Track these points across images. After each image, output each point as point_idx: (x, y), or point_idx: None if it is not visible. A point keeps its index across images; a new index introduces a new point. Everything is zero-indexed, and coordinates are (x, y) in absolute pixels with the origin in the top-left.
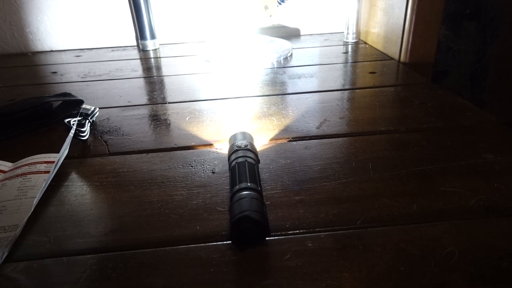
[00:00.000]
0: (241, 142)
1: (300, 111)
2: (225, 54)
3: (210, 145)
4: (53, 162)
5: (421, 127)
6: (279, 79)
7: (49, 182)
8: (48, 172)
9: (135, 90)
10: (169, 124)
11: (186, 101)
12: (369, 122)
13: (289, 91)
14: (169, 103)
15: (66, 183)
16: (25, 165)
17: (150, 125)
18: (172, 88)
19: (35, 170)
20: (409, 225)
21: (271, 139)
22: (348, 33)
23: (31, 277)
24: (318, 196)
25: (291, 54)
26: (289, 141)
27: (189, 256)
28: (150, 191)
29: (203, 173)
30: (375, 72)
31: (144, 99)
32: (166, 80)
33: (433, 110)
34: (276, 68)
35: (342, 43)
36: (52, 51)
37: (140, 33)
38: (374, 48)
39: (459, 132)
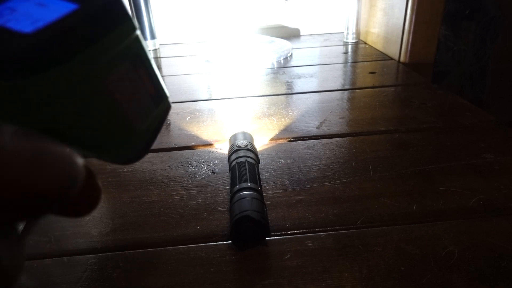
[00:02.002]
0: (241, 142)
1: (300, 111)
2: (225, 54)
3: (210, 145)
4: None
5: (421, 127)
6: (279, 79)
7: None
8: None
9: None
10: (169, 124)
11: (186, 101)
12: (369, 122)
13: (289, 91)
14: None
15: None
16: None
17: None
18: (172, 88)
19: None
20: (409, 224)
21: (271, 139)
22: (348, 33)
23: (32, 277)
24: (318, 196)
25: (291, 54)
26: (289, 141)
27: (189, 256)
28: (150, 191)
29: (203, 173)
30: (375, 72)
31: None
32: (166, 80)
33: (433, 110)
34: (276, 68)
35: (342, 43)
36: None
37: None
38: (374, 48)
39: (459, 132)
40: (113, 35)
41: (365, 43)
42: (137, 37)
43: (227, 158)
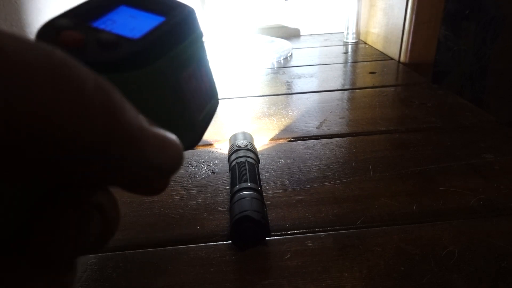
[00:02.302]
0: (241, 142)
1: (300, 111)
2: (225, 54)
3: (210, 145)
4: None
5: (421, 127)
6: (279, 79)
7: None
8: None
9: None
10: None
11: None
12: (369, 122)
13: (289, 91)
14: None
15: None
16: None
17: None
18: None
19: None
20: (409, 224)
21: (271, 139)
22: (348, 33)
23: None
24: (318, 196)
25: (291, 54)
26: (289, 141)
27: (189, 256)
28: None
29: (203, 173)
30: (375, 72)
31: None
32: None
33: (433, 110)
34: (276, 68)
35: (342, 43)
36: None
37: None
38: (374, 48)
39: (459, 132)
40: (188, 41)
41: (365, 43)
42: (202, 43)
43: (227, 158)
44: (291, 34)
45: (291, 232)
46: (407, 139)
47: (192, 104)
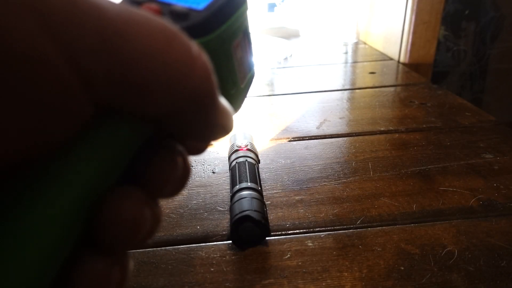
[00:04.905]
0: (241, 142)
1: (300, 111)
2: None
3: (210, 145)
4: None
5: (421, 127)
6: (279, 79)
7: None
8: None
9: None
10: None
11: None
12: (369, 122)
13: (289, 91)
14: None
15: None
16: None
17: None
18: None
19: None
20: (409, 224)
21: (271, 139)
22: (348, 33)
23: None
24: (318, 196)
25: (291, 54)
26: (289, 141)
27: (189, 256)
28: None
29: (204, 173)
30: (375, 72)
31: None
32: None
33: (433, 110)
34: (276, 68)
35: (342, 43)
36: None
37: None
38: (374, 48)
39: (458, 132)
40: (240, 11)
41: (365, 43)
42: (247, 14)
43: (227, 158)
44: (291, 34)
45: (291, 232)
46: (407, 139)
47: (238, 72)
